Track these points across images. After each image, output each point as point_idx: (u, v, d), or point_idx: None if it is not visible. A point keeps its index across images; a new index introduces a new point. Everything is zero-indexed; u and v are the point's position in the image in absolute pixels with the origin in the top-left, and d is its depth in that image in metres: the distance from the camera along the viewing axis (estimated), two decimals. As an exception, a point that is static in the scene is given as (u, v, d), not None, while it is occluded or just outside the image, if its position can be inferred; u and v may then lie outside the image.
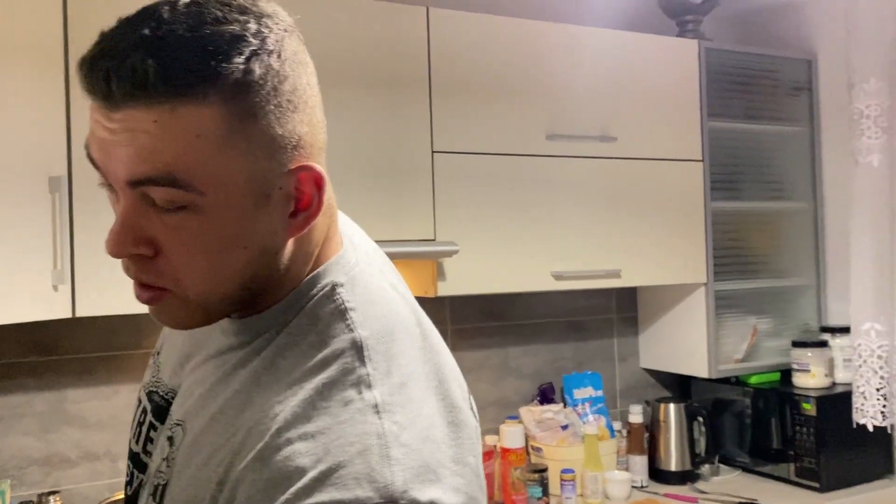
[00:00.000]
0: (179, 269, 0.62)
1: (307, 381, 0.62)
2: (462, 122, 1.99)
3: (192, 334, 0.76)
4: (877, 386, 2.27)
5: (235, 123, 0.59)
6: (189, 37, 0.56)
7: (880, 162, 2.26)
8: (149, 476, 0.71)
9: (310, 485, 0.56)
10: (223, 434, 0.64)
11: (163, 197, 0.59)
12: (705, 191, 2.36)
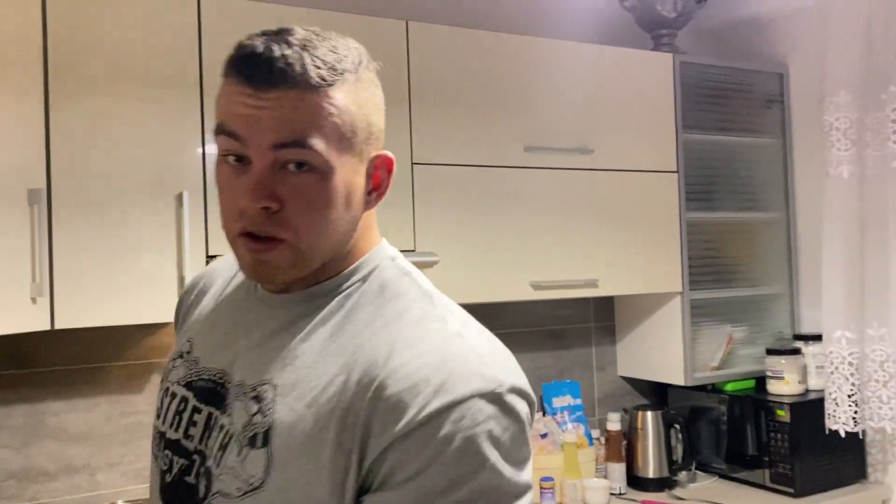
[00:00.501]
0: (300, 221, 0.78)
1: (396, 322, 0.79)
2: (441, 135, 2.01)
3: (229, 324, 0.90)
4: (848, 392, 2.32)
5: (353, 109, 0.79)
6: (322, 46, 0.78)
7: (850, 173, 2.32)
8: (231, 434, 0.80)
9: (435, 389, 0.72)
10: (324, 376, 0.77)
11: (297, 158, 0.77)
12: (680, 202, 2.40)
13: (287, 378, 0.79)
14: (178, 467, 0.84)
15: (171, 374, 0.92)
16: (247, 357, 0.84)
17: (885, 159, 2.24)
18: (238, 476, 0.78)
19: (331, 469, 0.74)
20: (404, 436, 0.72)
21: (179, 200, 1.71)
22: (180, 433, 0.85)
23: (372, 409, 0.73)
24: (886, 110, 2.23)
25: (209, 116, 1.75)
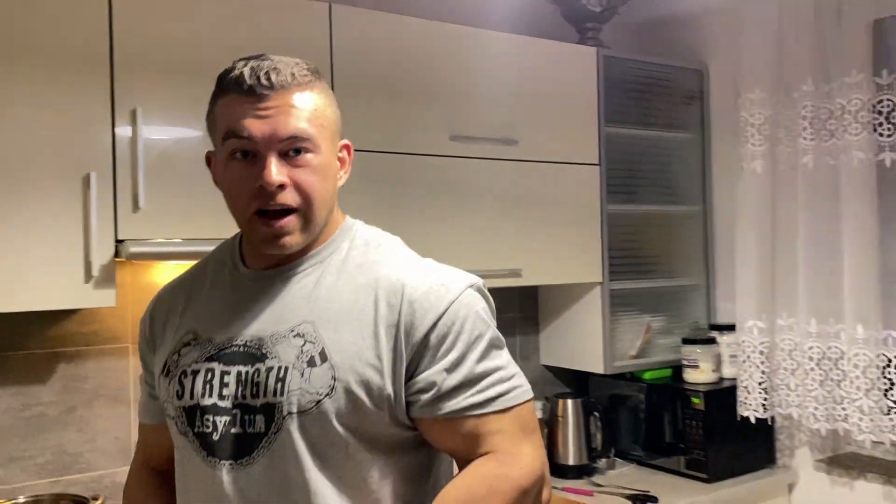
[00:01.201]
0: (308, 190, 1.03)
1: (391, 260, 1.10)
2: (364, 121, 1.98)
3: (230, 304, 1.10)
4: (759, 380, 2.40)
5: (327, 103, 1.07)
6: (290, 61, 1.06)
7: (763, 168, 2.40)
8: (286, 367, 1.01)
9: (444, 290, 1.04)
10: (350, 303, 1.05)
11: (296, 144, 1.02)
12: (602, 194, 2.44)
13: (319, 314, 1.05)
14: (223, 424, 1.03)
15: (182, 360, 1.09)
16: (267, 317, 1.06)
17: (796, 155, 2.32)
18: (307, 392, 1.00)
19: (380, 363, 1.02)
20: (435, 324, 1.03)
21: (86, 182, 1.63)
22: (215, 397, 1.04)
23: (405, 312, 1.03)
24: (798, 108, 2.31)
25: (121, 96, 1.68)
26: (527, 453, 1.04)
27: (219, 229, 1.77)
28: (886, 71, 2.16)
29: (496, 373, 1.05)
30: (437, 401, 1.02)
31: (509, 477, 1.02)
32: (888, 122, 2.16)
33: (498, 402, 1.03)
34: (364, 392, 1.00)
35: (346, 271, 1.08)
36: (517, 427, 1.04)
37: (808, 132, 2.29)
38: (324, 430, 1.00)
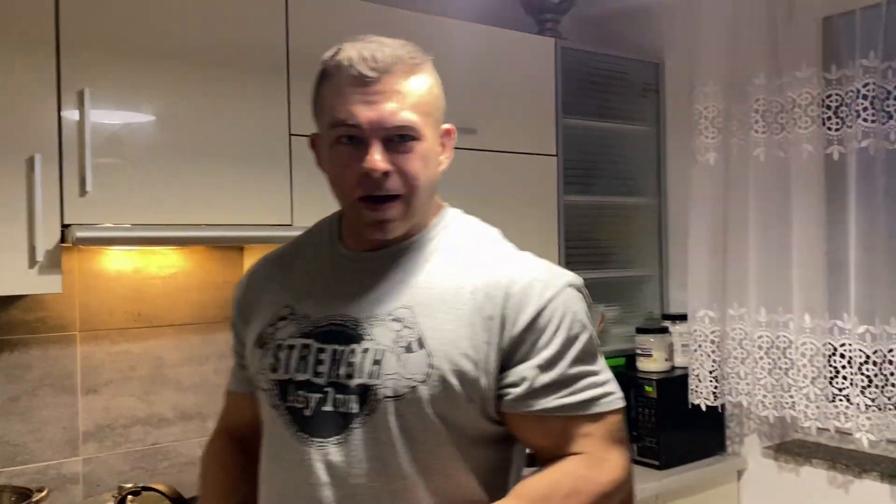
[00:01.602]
0: (412, 178, 1.03)
1: (491, 250, 1.10)
2: (321, 107, 1.96)
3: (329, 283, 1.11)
4: (710, 369, 2.45)
5: (431, 89, 1.07)
6: (394, 44, 1.05)
7: (716, 160, 2.44)
8: (383, 350, 1.02)
9: (544, 286, 1.04)
10: (449, 291, 1.05)
11: (401, 132, 1.02)
12: (558, 184, 2.45)
13: (417, 300, 1.05)
14: (316, 401, 1.04)
15: (278, 333, 1.10)
16: (365, 298, 1.07)
17: (748, 147, 2.37)
18: (403, 377, 1.01)
19: (475, 354, 1.02)
20: (534, 319, 1.02)
21: (31, 165, 1.58)
22: (309, 373, 1.06)
23: (504, 306, 1.03)
24: (750, 101, 2.35)
25: (68, 76, 1.63)
26: (614, 460, 1.05)
27: (170, 215, 1.75)
28: (835, 66, 2.21)
29: (590, 377, 1.05)
30: (528, 397, 1.02)
31: (594, 480, 1.03)
32: (836, 117, 2.21)
33: (589, 407, 1.04)
34: (458, 381, 1.01)
35: (445, 259, 1.08)
36: (606, 434, 1.05)
37: (760, 125, 2.33)
38: (417, 416, 1.01)
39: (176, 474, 2.06)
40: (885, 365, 2.11)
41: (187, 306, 2.10)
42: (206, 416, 2.12)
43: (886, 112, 2.11)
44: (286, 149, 1.90)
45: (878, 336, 2.12)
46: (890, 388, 2.11)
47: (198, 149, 1.78)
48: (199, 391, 2.11)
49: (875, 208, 2.16)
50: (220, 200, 1.82)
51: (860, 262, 2.16)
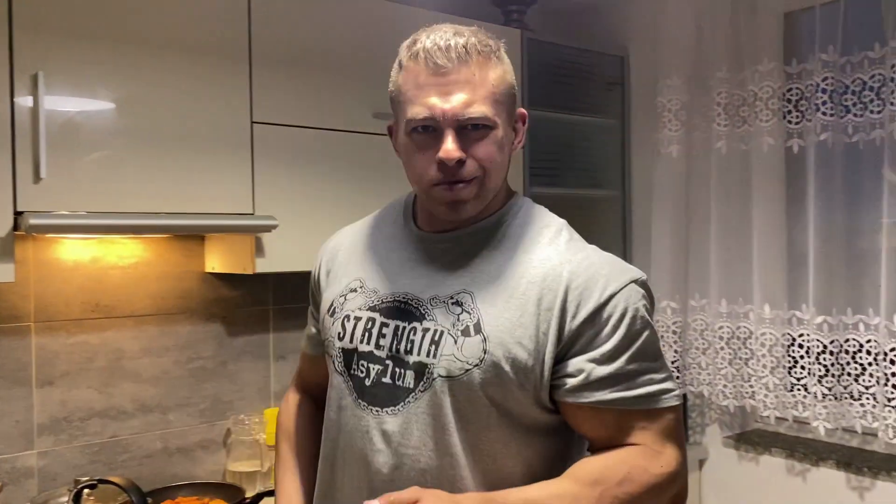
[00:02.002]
0: (486, 163, 1.07)
1: (555, 240, 1.11)
2: (284, 94, 1.93)
3: (400, 260, 1.17)
4: (671, 359, 2.47)
5: (503, 78, 1.09)
6: (469, 34, 1.07)
7: (679, 153, 2.46)
8: (441, 332, 1.07)
9: (607, 279, 1.06)
10: (511, 280, 1.08)
11: (473, 121, 1.05)
12: (525, 176, 2.45)
13: (479, 285, 1.09)
14: (376, 372, 1.11)
15: (347, 304, 1.17)
16: (430, 279, 1.12)
17: (711, 140, 2.39)
18: (457, 359, 1.05)
19: (531, 344, 1.05)
20: (594, 313, 1.05)
21: (-18, 150, 1.54)
22: (372, 345, 1.12)
23: (564, 298, 1.05)
24: (712, 94, 2.38)
25: (21, 59, 1.59)
26: (669, 454, 1.07)
27: (128, 203, 1.71)
28: (796, 60, 2.24)
29: (648, 374, 1.06)
30: (584, 388, 1.05)
31: (648, 471, 1.05)
32: (796, 110, 2.25)
33: (644, 402, 1.06)
34: (511, 368, 1.05)
35: (511, 247, 1.11)
36: (662, 429, 1.07)
37: (722, 118, 2.36)
38: (469, 397, 1.05)
39: (136, 467, 2.02)
40: (841, 355, 2.16)
41: (147, 297, 2.07)
42: (166, 408, 2.09)
43: (844, 106, 2.15)
44: (248, 136, 1.88)
45: (835, 326, 2.16)
46: (846, 377, 2.15)
47: (157, 136, 1.75)
48: (160, 383, 2.08)
49: (833, 201, 2.20)
50: (180, 188, 1.78)
51: (819, 253, 2.19)
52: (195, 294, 2.15)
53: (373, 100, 2.09)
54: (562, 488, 1.03)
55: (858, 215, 2.21)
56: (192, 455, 2.13)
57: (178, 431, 2.11)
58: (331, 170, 2.02)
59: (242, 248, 1.95)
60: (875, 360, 2.08)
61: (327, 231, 2.03)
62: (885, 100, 2.04)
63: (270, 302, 2.29)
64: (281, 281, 2.31)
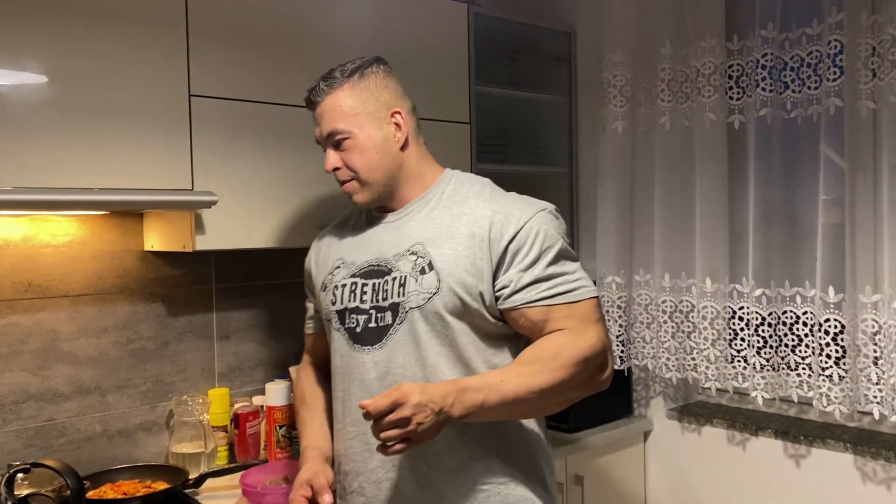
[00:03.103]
0: (356, 168, 1.46)
1: (478, 195, 1.46)
2: (223, 67, 1.88)
3: (365, 239, 1.52)
4: (617, 333, 2.50)
5: (359, 96, 1.48)
6: (337, 70, 1.51)
7: (624, 129, 2.48)
8: (405, 275, 1.40)
9: (521, 211, 1.40)
10: (448, 227, 1.42)
11: (336, 138, 1.47)
12: (472, 152, 2.44)
13: (427, 236, 1.42)
14: (363, 321, 1.44)
15: (335, 278, 1.51)
16: (390, 243, 1.46)
17: (655, 116, 2.41)
18: (420, 292, 1.38)
19: (473, 269, 1.37)
20: (513, 237, 1.37)
21: None
22: (357, 302, 1.45)
23: (489, 230, 1.38)
24: (656, 70, 2.40)
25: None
26: (590, 333, 1.35)
27: (60, 178, 1.65)
28: (737, 37, 2.27)
29: (563, 276, 1.38)
30: (514, 294, 1.36)
31: (574, 345, 1.33)
32: (738, 86, 2.28)
33: (563, 297, 1.36)
34: (463, 290, 1.37)
35: (445, 205, 1.45)
36: (581, 316, 1.36)
37: (666, 94, 2.38)
38: (436, 318, 1.37)
39: (74, 451, 1.97)
40: (779, 326, 2.21)
41: (83, 276, 2.01)
42: (105, 390, 2.04)
43: (783, 82, 2.18)
44: (185, 110, 1.82)
45: (773, 299, 2.21)
46: (783, 348, 2.21)
47: (90, 108, 1.68)
48: (97, 364, 2.03)
49: (772, 177, 2.24)
50: (115, 164, 1.73)
51: (758, 228, 2.24)
52: (134, 273, 2.09)
53: (315, 73, 2.04)
54: (509, 369, 1.36)
55: (796, 191, 2.26)
56: (134, 437, 2.09)
57: (118, 414, 2.06)
58: (273, 145, 1.98)
59: (182, 226, 1.90)
60: (811, 331, 2.14)
61: (269, 207, 2.00)
62: (821, 76, 2.08)
63: (213, 281, 2.25)
64: (223, 259, 2.26)
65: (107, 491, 1.85)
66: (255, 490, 1.78)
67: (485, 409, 1.29)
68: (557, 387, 1.32)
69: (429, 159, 1.53)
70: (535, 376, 1.31)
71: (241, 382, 2.30)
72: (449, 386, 1.27)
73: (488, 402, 1.28)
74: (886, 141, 1.97)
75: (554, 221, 1.41)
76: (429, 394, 1.23)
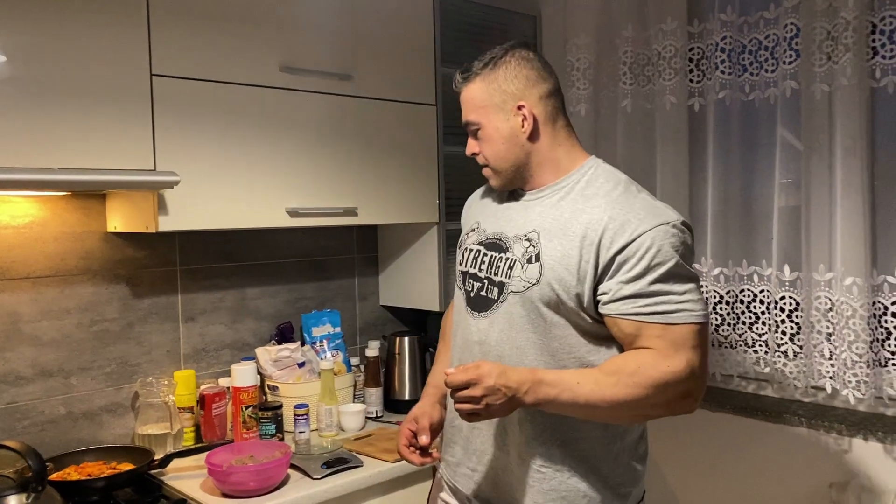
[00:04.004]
0: (487, 156, 1.52)
1: (604, 196, 1.42)
2: (186, 45, 1.87)
3: (501, 211, 1.58)
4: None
5: (484, 90, 1.49)
6: (477, 60, 1.53)
7: (587, 112, 2.50)
8: (515, 259, 1.47)
9: (639, 221, 1.36)
10: (565, 223, 1.43)
11: (472, 128, 1.52)
12: (438, 135, 2.45)
13: (544, 226, 1.46)
14: (477, 288, 1.54)
15: (468, 240, 1.62)
16: (515, 222, 1.52)
17: (617, 99, 2.44)
18: (522, 279, 1.45)
19: (576, 269, 1.39)
20: (623, 247, 1.36)
21: None
22: (476, 269, 1.55)
23: (601, 235, 1.38)
24: (619, 53, 2.42)
25: None
26: (679, 358, 1.33)
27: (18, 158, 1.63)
28: (697, 20, 2.30)
29: (668, 295, 1.34)
30: (611, 302, 1.37)
31: (656, 367, 1.32)
32: (697, 69, 2.31)
33: (659, 317, 1.34)
34: (560, 287, 1.40)
35: (573, 198, 1.46)
36: (674, 340, 1.34)
37: (628, 77, 2.41)
38: (531, 306, 1.44)
39: (37, 433, 1.96)
40: (736, 304, 2.26)
41: (44, 258, 1.99)
42: (68, 372, 2.03)
43: (742, 65, 2.22)
44: (147, 89, 1.81)
45: (731, 278, 2.26)
46: (740, 325, 2.26)
47: (49, 86, 1.67)
48: (61, 347, 2.02)
49: (730, 158, 2.29)
50: (76, 143, 1.71)
51: (717, 209, 2.28)
52: (97, 254, 2.08)
53: (280, 53, 2.05)
54: (589, 373, 1.37)
55: (754, 172, 2.31)
56: (99, 419, 2.08)
57: (83, 396, 2.06)
58: (236, 125, 1.98)
59: (144, 206, 1.89)
60: (767, 308, 2.20)
61: (233, 188, 2.00)
62: (778, 59, 2.13)
63: (178, 262, 2.24)
64: (188, 240, 2.26)
65: (71, 472, 1.85)
66: (221, 469, 1.80)
67: (556, 405, 1.35)
68: (630, 403, 1.33)
69: (567, 144, 1.51)
70: (610, 388, 1.33)
71: (206, 364, 2.30)
72: (527, 375, 1.34)
73: (560, 399, 1.34)
74: (840, 123, 2.02)
75: (675, 237, 1.36)
76: (505, 378, 1.32)
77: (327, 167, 2.18)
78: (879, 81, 1.97)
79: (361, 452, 2.07)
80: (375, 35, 2.28)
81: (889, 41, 1.95)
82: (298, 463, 1.95)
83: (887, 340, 1.99)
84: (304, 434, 2.13)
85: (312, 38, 2.13)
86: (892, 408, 2.16)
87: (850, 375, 2.01)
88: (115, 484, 1.80)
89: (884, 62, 1.95)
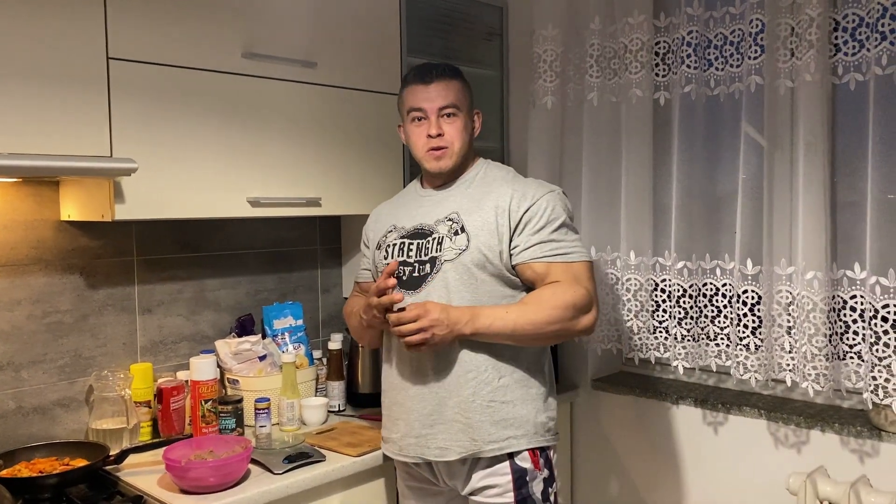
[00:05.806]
0: (452, 139, 1.83)
1: (504, 179, 1.86)
2: (145, 28, 1.81)
3: (414, 208, 1.90)
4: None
5: (465, 89, 1.88)
6: (443, 63, 1.91)
7: (553, 104, 2.49)
8: (443, 236, 1.79)
9: (535, 191, 1.81)
10: (479, 201, 1.81)
11: (449, 111, 1.83)
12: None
13: (461, 207, 1.81)
14: (409, 272, 1.81)
15: (387, 239, 1.89)
16: (433, 211, 1.84)
17: (583, 92, 2.44)
18: (453, 248, 1.76)
19: (496, 232, 1.76)
20: (527, 209, 1.77)
21: None
22: (405, 256, 1.82)
23: (509, 203, 1.77)
24: (586, 45, 2.42)
25: None
26: (581, 287, 1.74)
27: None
28: (664, 14, 2.31)
29: (564, 242, 1.77)
30: (523, 251, 1.75)
31: (566, 293, 1.72)
32: (663, 63, 2.32)
33: (561, 258, 1.75)
34: (487, 249, 1.75)
35: (477, 185, 1.85)
36: (575, 274, 1.75)
37: (595, 70, 2.41)
38: (463, 269, 1.75)
39: (-14, 429, 1.89)
40: (699, 298, 2.28)
41: (-7, 246, 1.91)
42: (19, 365, 1.95)
43: (707, 59, 2.23)
44: (104, 73, 1.75)
45: (694, 271, 2.28)
46: (703, 319, 2.28)
47: (4, 69, 1.60)
48: (11, 339, 1.94)
49: (695, 152, 2.30)
50: (27, 128, 1.65)
51: (681, 203, 2.29)
52: (50, 244, 2.01)
53: (243, 38, 2.00)
54: (514, 306, 1.74)
55: (718, 166, 2.32)
56: (51, 414, 2.01)
57: (34, 390, 1.99)
58: (196, 112, 1.92)
59: (99, 194, 1.83)
60: (730, 302, 2.22)
61: (193, 176, 1.94)
62: (743, 54, 2.14)
63: (134, 252, 2.18)
64: (146, 230, 2.19)
65: (21, 469, 1.78)
66: (179, 465, 1.75)
67: (490, 332, 1.70)
68: (551, 321, 1.70)
69: (472, 150, 1.92)
70: (533, 313, 1.70)
71: (164, 357, 2.24)
72: (465, 310, 1.70)
73: (494, 327, 1.69)
74: (802, 119, 2.04)
75: (562, 200, 1.82)
76: (447, 312, 1.67)
77: (290, 156, 2.13)
78: (841, 78, 2.00)
79: (324, 447, 2.03)
80: (341, 23, 2.24)
81: (851, 38, 1.97)
82: (259, 458, 1.92)
83: (846, 334, 2.02)
84: (266, 428, 2.09)
85: (277, 24, 2.08)
86: (849, 400, 2.20)
87: (810, 368, 2.04)
88: (68, 481, 1.74)
89: (846, 59, 1.98)
